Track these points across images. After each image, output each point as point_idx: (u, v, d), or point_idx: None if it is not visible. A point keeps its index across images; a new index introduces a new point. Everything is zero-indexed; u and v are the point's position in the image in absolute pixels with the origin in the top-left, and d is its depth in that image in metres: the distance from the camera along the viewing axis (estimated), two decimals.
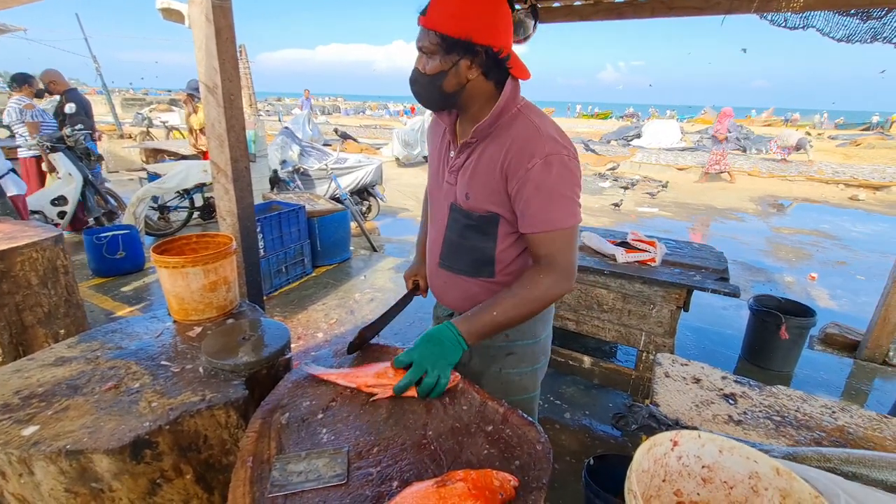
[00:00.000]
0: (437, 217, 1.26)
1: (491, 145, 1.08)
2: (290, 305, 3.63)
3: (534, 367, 1.31)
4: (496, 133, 1.08)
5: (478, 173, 1.10)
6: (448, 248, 1.24)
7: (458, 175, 1.15)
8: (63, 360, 1.26)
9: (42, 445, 0.94)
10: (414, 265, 1.49)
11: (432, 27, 0.99)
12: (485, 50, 1.00)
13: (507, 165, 1.05)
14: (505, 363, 1.27)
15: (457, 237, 1.20)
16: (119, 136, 11.54)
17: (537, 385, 1.35)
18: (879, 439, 1.01)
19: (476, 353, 1.28)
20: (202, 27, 1.91)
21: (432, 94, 1.08)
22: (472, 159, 1.12)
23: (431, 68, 1.03)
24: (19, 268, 2.00)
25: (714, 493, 0.69)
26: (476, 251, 1.18)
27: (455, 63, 1.01)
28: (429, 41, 1.01)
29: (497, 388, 1.27)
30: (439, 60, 1.01)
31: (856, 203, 9.08)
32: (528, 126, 1.05)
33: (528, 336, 1.27)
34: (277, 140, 6.03)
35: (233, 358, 1.22)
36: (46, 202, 4.43)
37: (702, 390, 1.13)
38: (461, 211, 1.16)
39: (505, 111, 1.06)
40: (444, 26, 0.98)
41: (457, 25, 0.97)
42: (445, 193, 1.20)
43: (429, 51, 1.02)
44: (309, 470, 0.84)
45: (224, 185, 2.14)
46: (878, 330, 2.99)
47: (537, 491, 0.81)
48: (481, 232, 1.15)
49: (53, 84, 4.94)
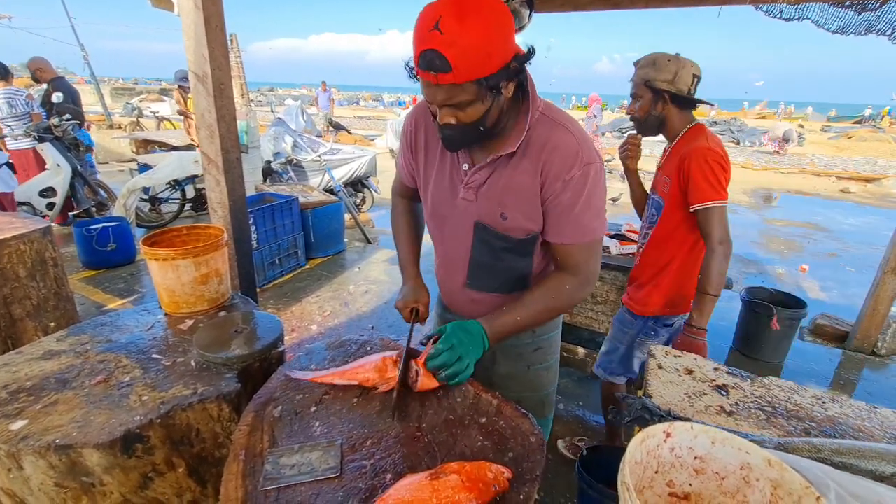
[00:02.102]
0: (455, 236, 1.15)
1: (523, 159, 0.99)
2: (283, 298, 3.62)
3: (556, 358, 1.32)
4: (524, 145, 0.99)
5: (512, 192, 1.01)
6: (477, 270, 1.15)
7: (478, 192, 1.05)
8: (52, 353, 1.24)
9: (31, 440, 0.93)
10: (409, 292, 1.24)
11: (467, 80, 0.82)
12: (516, 59, 0.88)
13: (544, 177, 0.98)
14: (533, 359, 1.26)
15: (489, 259, 1.12)
16: (108, 127, 11.35)
17: (557, 374, 1.36)
18: (869, 429, 1.02)
19: (501, 355, 1.25)
20: (191, 14, 1.87)
21: (474, 138, 0.96)
22: (499, 175, 1.02)
23: (470, 116, 0.90)
24: (6, 260, 1.97)
25: (706, 484, 0.69)
26: (513, 271, 1.13)
27: (497, 94, 0.89)
28: (465, 95, 0.85)
29: (527, 386, 1.27)
30: (480, 104, 0.88)
31: (847, 195, 9.16)
32: (561, 133, 0.97)
33: (551, 328, 1.28)
34: (270, 131, 5.96)
35: (225, 351, 1.21)
36: (35, 193, 4.36)
37: (694, 382, 1.14)
38: (494, 233, 1.07)
39: (532, 118, 0.98)
40: (484, 71, 0.83)
41: (495, 61, 0.83)
42: (463, 211, 1.09)
43: (467, 102, 0.87)
44: (302, 463, 0.84)
45: (215, 176, 2.11)
46: (866, 321, 3.03)
47: (531, 482, 0.82)
48: (519, 253, 1.10)
49: (40, 72, 4.83)
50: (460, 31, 0.77)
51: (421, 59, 0.82)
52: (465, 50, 0.78)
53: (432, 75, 0.82)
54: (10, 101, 4.39)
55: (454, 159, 1.09)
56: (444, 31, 0.77)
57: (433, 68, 0.81)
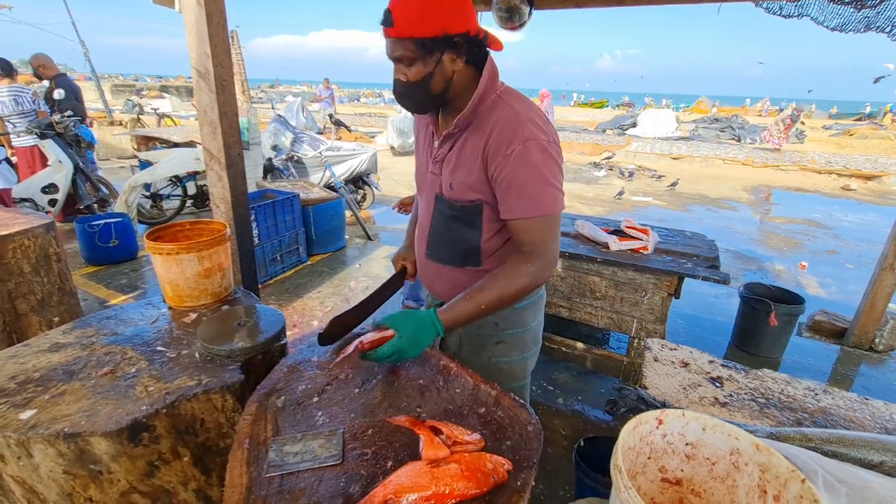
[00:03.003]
0: (424, 208, 1.26)
1: (473, 134, 1.07)
2: (285, 294, 3.64)
3: (523, 356, 1.31)
4: (477, 121, 1.06)
5: (460, 163, 1.10)
6: (434, 239, 1.24)
7: (441, 165, 1.15)
8: (58, 346, 1.26)
9: (40, 429, 0.95)
10: (403, 249, 1.48)
11: (405, 35, 0.95)
12: (463, 37, 0.98)
13: (487, 152, 1.04)
14: (494, 352, 1.27)
15: (442, 228, 1.20)
16: (109, 123, 11.36)
17: (527, 373, 1.35)
18: (860, 420, 1.04)
19: (466, 342, 1.28)
20: (193, 11, 1.89)
21: (422, 99, 1.06)
22: (454, 149, 1.11)
23: (415, 75, 1.00)
24: (11, 255, 1.99)
25: (697, 470, 0.71)
26: (462, 242, 1.18)
27: (438, 61, 0.99)
28: (405, 50, 0.97)
29: (487, 377, 1.27)
30: (422, 65, 0.99)
31: (848, 193, 9.15)
32: (508, 111, 1.04)
33: (518, 325, 1.27)
34: (270, 127, 5.97)
35: (228, 343, 1.23)
36: (37, 190, 4.38)
37: (689, 374, 1.16)
38: (445, 202, 1.15)
39: (485, 97, 1.05)
40: (417, 30, 0.94)
41: (429, 25, 0.94)
42: (430, 184, 1.19)
43: (408, 59, 0.99)
44: (305, 451, 0.86)
45: (217, 172, 2.12)
46: (864, 317, 3.04)
47: (527, 470, 0.84)
48: (466, 223, 1.15)
49: (43, 68, 4.84)
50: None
51: (382, 14, 0.97)
52: (405, 8, 0.94)
53: (385, 29, 0.97)
54: (16, 99, 4.41)
55: (431, 138, 1.19)
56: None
57: (384, 23, 0.96)
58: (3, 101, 4.39)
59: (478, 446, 0.87)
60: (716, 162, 11.43)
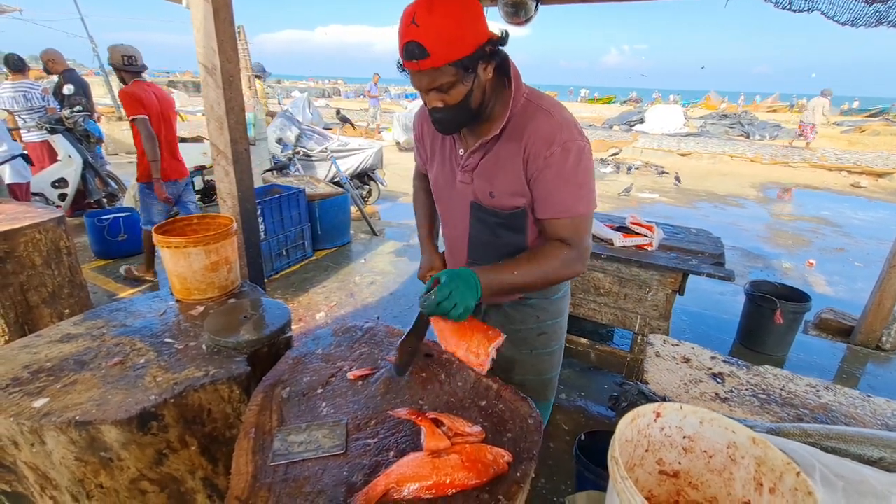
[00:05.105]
0: (455, 217, 1.24)
1: (508, 141, 1.06)
2: (290, 288, 3.67)
3: (560, 344, 1.35)
4: (510, 126, 1.06)
5: (499, 170, 1.09)
6: (476, 247, 1.24)
7: (472, 174, 1.13)
8: (69, 336, 1.29)
9: (52, 416, 0.98)
10: (425, 262, 1.38)
11: (443, 63, 0.92)
12: (490, 42, 0.97)
13: (527, 156, 1.04)
14: (536, 344, 1.30)
15: (486, 235, 1.20)
16: (118, 119, 11.45)
17: (561, 360, 1.39)
18: (861, 417, 1.05)
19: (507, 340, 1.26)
20: (200, 7, 1.90)
21: (465, 119, 1.04)
22: (489, 157, 1.10)
23: (455, 97, 0.98)
24: (23, 248, 2.02)
25: (694, 462, 0.72)
26: (509, 246, 1.18)
27: (475, 76, 0.97)
28: (445, 77, 0.94)
29: (530, 370, 1.30)
30: (461, 85, 0.97)
31: (858, 190, 9.04)
32: (543, 115, 1.04)
33: (555, 315, 1.30)
34: (276, 122, 6.00)
35: (235, 335, 1.25)
36: (47, 184, 4.44)
37: (691, 369, 1.16)
38: (487, 210, 1.15)
39: (517, 101, 1.05)
40: (456, 52, 0.91)
41: (466, 42, 0.92)
42: (461, 193, 1.18)
43: (448, 84, 0.96)
44: (309, 441, 0.88)
45: (224, 167, 2.15)
46: (871, 315, 3.02)
47: (528, 462, 0.85)
48: (512, 228, 1.16)
49: (52, 63, 4.90)
50: (432, 20, 0.89)
51: (404, 50, 0.93)
52: (438, 35, 0.89)
53: (415, 63, 0.93)
54: (26, 95, 4.46)
55: (452, 146, 1.17)
56: (419, 23, 0.89)
57: (414, 56, 0.91)
58: (13, 97, 4.44)
59: (479, 438, 0.88)
60: (724, 158, 11.34)
